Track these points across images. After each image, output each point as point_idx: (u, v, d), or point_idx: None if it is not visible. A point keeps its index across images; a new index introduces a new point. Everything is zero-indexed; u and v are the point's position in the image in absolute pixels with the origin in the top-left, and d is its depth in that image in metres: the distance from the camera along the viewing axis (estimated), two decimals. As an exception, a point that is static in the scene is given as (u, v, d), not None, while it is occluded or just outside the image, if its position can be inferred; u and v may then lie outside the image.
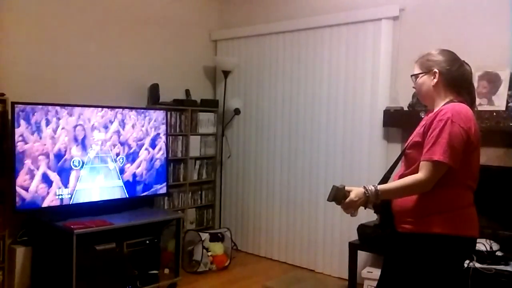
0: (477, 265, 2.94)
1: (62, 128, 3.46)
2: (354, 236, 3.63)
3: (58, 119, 3.44)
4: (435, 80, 2.01)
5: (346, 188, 1.95)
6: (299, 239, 4.43)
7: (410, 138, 2.06)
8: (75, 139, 3.53)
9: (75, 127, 3.53)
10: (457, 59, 2.04)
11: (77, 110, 3.55)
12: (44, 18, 3.72)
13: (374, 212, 2.15)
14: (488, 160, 3.18)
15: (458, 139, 1.84)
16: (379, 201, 1.95)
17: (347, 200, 1.92)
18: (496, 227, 3.20)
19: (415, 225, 1.94)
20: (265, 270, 4.37)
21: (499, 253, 3.03)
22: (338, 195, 1.94)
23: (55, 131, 3.42)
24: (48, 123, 3.38)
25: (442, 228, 1.89)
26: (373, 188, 1.91)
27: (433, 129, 1.88)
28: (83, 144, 3.58)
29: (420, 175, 1.87)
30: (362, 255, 3.72)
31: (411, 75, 2.12)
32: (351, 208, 1.93)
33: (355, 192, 1.92)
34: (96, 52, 4.07)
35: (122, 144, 3.83)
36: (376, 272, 3.51)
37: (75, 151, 3.53)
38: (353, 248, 3.59)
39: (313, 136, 4.31)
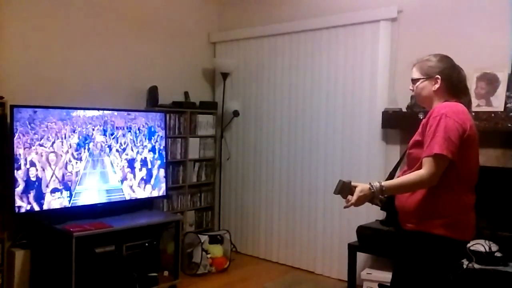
0: (476, 266, 2.95)
1: (61, 131, 3.46)
2: (354, 238, 3.63)
3: (57, 121, 3.44)
4: (437, 86, 2.10)
5: (352, 183, 2.03)
6: (298, 240, 4.43)
7: (412, 138, 2.14)
8: (74, 142, 3.53)
9: (73, 130, 3.53)
10: (456, 66, 2.13)
11: (76, 112, 3.55)
12: (43, 21, 3.72)
13: (381, 209, 2.21)
14: (486, 161, 3.19)
15: (453, 132, 1.92)
16: (384, 198, 2.05)
17: (354, 193, 2.00)
18: (495, 228, 3.20)
19: (418, 226, 2.03)
20: (265, 272, 4.36)
21: (498, 254, 3.03)
22: (344, 189, 2.03)
23: (54, 134, 3.42)
24: (46, 126, 3.38)
25: (441, 230, 1.98)
26: (378, 184, 1.99)
27: (430, 126, 1.97)
28: (82, 147, 3.58)
29: (422, 171, 1.95)
30: (361, 257, 3.72)
31: (412, 79, 2.19)
32: (357, 201, 2.00)
33: (361, 186, 2.01)
34: (95, 55, 4.07)
35: (121, 146, 3.84)
36: (376, 274, 3.51)
37: (74, 154, 3.53)
38: (353, 250, 3.59)
39: (312, 138, 4.32)
